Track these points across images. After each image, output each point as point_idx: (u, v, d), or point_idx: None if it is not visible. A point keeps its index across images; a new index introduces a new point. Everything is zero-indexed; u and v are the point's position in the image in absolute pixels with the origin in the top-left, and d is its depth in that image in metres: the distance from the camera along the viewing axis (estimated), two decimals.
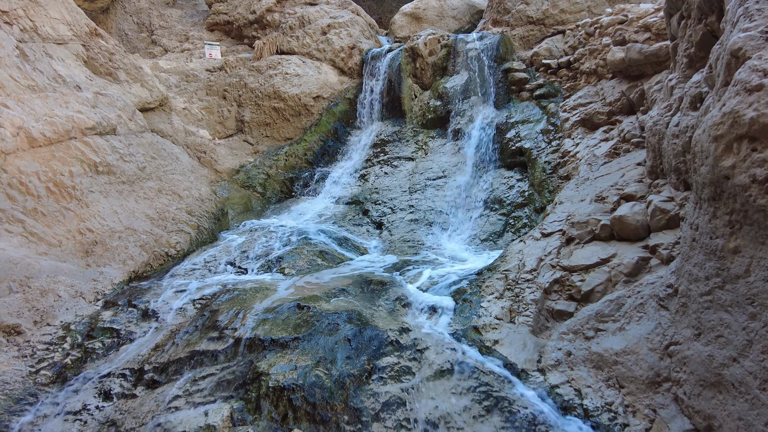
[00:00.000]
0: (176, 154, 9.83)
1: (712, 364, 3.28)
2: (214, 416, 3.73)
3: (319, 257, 7.19)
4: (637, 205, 5.07)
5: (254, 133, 12.45)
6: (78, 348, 5.05)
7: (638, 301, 4.20)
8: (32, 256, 6.17)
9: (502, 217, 8.10)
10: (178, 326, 5.17)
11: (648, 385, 3.73)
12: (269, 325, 4.68)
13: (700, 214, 3.61)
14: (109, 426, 4.01)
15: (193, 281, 6.32)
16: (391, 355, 4.31)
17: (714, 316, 3.35)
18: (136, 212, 7.70)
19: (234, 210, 9.83)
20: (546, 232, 5.65)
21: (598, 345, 4.11)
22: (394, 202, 9.33)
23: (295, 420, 3.69)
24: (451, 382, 4.04)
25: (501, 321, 4.75)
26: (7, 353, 4.85)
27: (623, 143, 7.22)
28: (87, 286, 6.07)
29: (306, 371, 3.96)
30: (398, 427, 3.67)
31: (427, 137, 10.68)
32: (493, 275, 5.47)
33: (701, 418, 3.34)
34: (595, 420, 3.71)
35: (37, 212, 6.68)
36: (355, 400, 3.83)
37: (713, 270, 3.39)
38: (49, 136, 7.25)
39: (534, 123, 9.12)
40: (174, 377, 4.35)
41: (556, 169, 7.82)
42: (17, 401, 4.26)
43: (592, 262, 4.81)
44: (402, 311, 5.21)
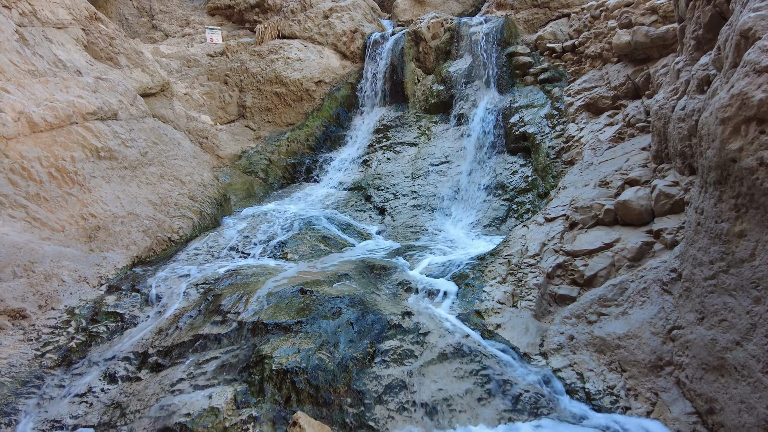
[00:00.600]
0: (178, 140, 9.79)
1: (714, 348, 3.28)
2: (218, 399, 3.76)
3: (322, 242, 7.19)
4: (641, 189, 5.04)
5: (256, 118, 12.38)
6: (83, 332, 5.08)
7: (641, 285, 4.19)
8: (36, 241, 6.18)
9: (506, 202, 8.07)
10: (182, 310, 5.19)
11: (650, 369, 3.74)
12: (272, 309, 4.69)
13: (706, 198, 3.58)
14: (114, 408, 4.05)
15: (196, 266, 6.34)
16: (393, 338, 4.32)
17: (718, 301, 3.34)
18: (139, 197, 7.70)
19: (236, 196, 9.82)
20: (549, 216, 5.63)
21: (601, 329, 4.12)
22: (397, 187, 9.30)
23: (299, 402, 3.72)
24: (453, 365, 4.06)
25: (503, 305, 4.75)
26: (13, 337, 4.89)
27: (628, 128, 7.15)
28: (90, 271, 6.09)
29: (309, 354, 3.98)
30: (401, 409, 3.69)
31: (429, 122, 10.60)
32: (496, 260, 5.46)
33: (703, 401, 3.35)
34: (597, 403, 3.72)
35: (40, 197, 6.67)
36: (358, 382, 3.85)
37: (718, 254, 3.37)
38: (50, 121, 7.22)
39: (538, 108, 9.04)
40: (178, 361, 4.38)
41: (560, 154, 7.76)
42: (24, 384, 4.30)
43: (595, 247, 4.79)
44: (404, 296, 5.22)
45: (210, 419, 3.60)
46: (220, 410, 3.66)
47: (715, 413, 3.24)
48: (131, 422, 3.79)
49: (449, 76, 10.69)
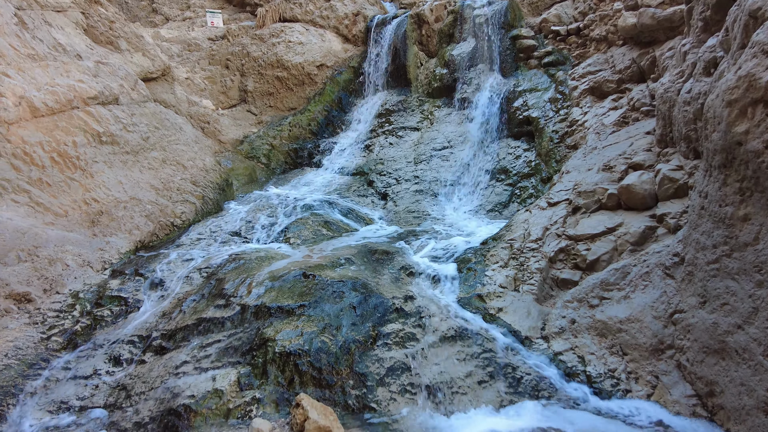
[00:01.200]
0: (180, 125, 9.75)
1: (716, 331, 3.29)
2: (222, 381, 3.80)
3: (324, 227, 7.19)
4: (645, 174, 5.01)
5: (257, 103, 12.30)
6: (87, 315, 5.12)
7: (644, 269, 4.19)
8: (39, 226, 6.21)
9: (508, 187, 8.04)
10: (185, 294, 5.22)
11: (651, 352, 3.75)
12: (275, 293, 4.71)
13: (710, 182, 3.56)
14: (119, 390, 4.10)
15: (199, 251, 6.36)
16: (395, 321, 4.35)
17: (720, 284, 3.34)
18: (141, 182, 7.70)
19: (238, 181, 9.81)
20: (552, 201, 5.61)
21: (603, 313, 4.13)
22: (399, 173, 9.27)
23: (301, 384, 3.75)
24: (455, 348, 4.08)
25: (505, 289, 4.76)
26: (19, 320, 4.94)
27: (632, 112, 7.09)
28: (94, 256, 6.12)
29: (312, 337, 4.01)
30: (403, 391, 3.73)
31: (432, 106, 10.52)
32: (498, 244, 5.46)
33: (703, 384, 3.37)
34: (598, 386, 3.75)
35: (43, 182, 6.68)
36: (360, 365, 3.89)
37: (721, 238, 3.36)
38: (51, 106, 7.19)
39: (542, 91, 8.95)
40: (182, 344, 4.42)
41: (564, 139, 7.71)
42: (30, 366, 4.35)
43: (598, 231, 4.78)
44: (407, 280, 5.23)
45: (214, 401, 3.65)
46: (224, 392, 3.70)
47: (715, 396, 3.26)
48: (136, 404, 3.84)
49: (452, 60, 10.58)
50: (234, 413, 3.58)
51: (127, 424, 3.66)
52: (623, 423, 3.39)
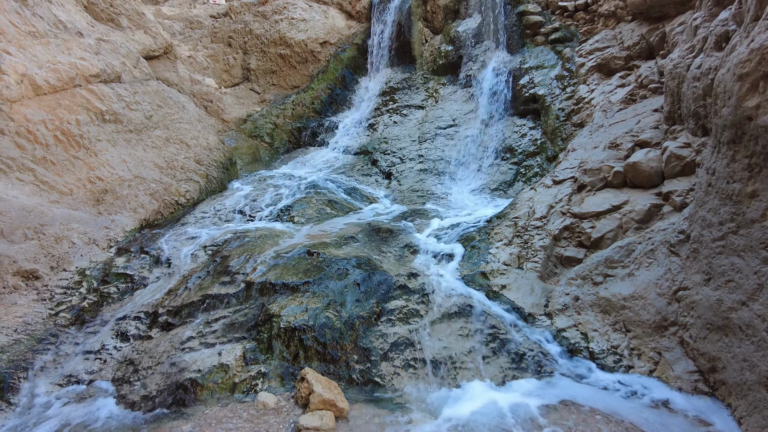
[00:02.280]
0: (183, 103, 9.69)
1: (720, 308, 3.29)
2: (228, 356, 3.85)
3: (328, 206, 7.19)
4: (651, 151, 4.95)
5: (260, 81, 12.19)
6: (94, 292, 5.17)
7: (649, 247, 4.17)
8: (45, 204, 6.23)
9: (513, 166, 7.98)
10: (190, 272, 5.26)
11: (654, 329, 3.76)
12: (280, 270, 4.74)
13: (718, 159, 3.51)
14: (127, 365, 4.16)
15: (203, 229, 6.39)
16: (399, 298, 4.37)
17: (725, 261, 3.32)
18: (145, 161, 7.69)
19: (242, 160, 9.78)
20: (557, 179, 5.56)
21: (606, 290, 4.13)
22: (404, 152, 9.21)
23: (306, 359, 3.80)
24: (458, 324, 4.11)
25: (509, 267, 4.76)
26: (27, 296, 5.00)
27: (640, 89, 6.98)
28: (99, 234, 6.15)
29: (316, 313, 4.04)
30: (406, 366, 3.76)
31: (437, 84, 10.38)
32: (503, 222, 5.44)
33: (705, 360, 3.38)
34: (601, 362, 3.77)
35: (47, 161, 6.68)
36: (365, 340, 3.92)
37: (728, 215, 3.33)
38: (53, 84, 7.15)
39: (548, 69, 8.81)
40: (187, 320, 4.47)
41: (570, 117, 7.62)
42: (39, 341, 4.42)
43: (603, 209, 4.75)
44: (410, 258, 5.24)
45: (220, 375, 3.70)
46: (230, 366, 3.75)
47: (717, 371, 3.28)
48: (144, 378, 3.90)
49: (458, 36, 10.40)
50: (240, 387, 3.63)
51: (135, 397, 3.73)
52: (625, 398, 3.42)
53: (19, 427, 3.55)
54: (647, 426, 3.12)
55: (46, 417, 3.64)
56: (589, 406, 3.35)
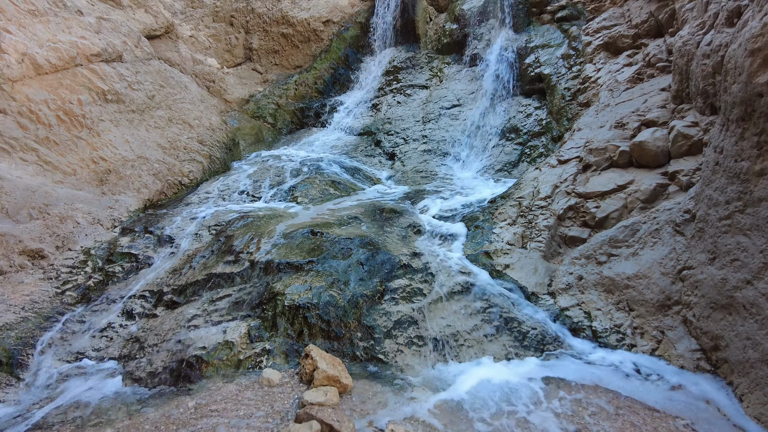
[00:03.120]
0: (185, 83, 9.62)
1: (724, 287, 3.28)
2: (232, 333, 3.88)
3: (332, 187, 7.18)
4: (658, 130, 4.90)
5: (263, 61, 12.06)
6: (99, 271, 5.21)
7: (653, 226, 4.15)
8: (49, 184, 6.24)
9: (518, 146, 7.91)
10: (195, 251, 5.28)
11: (658, 308, 3.76)
12: (284, 250, 4.75)
13: (727, 137, 3.47)
14: (133, 342, 4.21)
15: (207, 209, 6.39)
16: (402, 277, 4.38)
17: (731, 240, 3.30)
18: (148, 141, 7.67)
19: (245, 141, 9.74)
20: (563, 159, 5.52)
21: (610, 269, 4.12)
22: (407, 132, 9.14)
23: (311, 336, 3.83)
24: (461, 303, 4.12)
25: (513, 246, 4.76)
26: (33, 275, 5.04)
27: (648, 68, 6.86)
28: (104, 214, 6.17)
29: (320, 291, 4.06)
30: (409, 343, 3.79)
31: (442, 63, 10.24)
32: (507, 202, 5.42)
33: (708, 338, 3.39)
34: (603, 341, 3.79)
35: (50, 141, 6.67)
36: (368, 318, 3.94)
37: (735, 194, 3.30)
38: (54, 63, 7.10)
39: (554, 47, 8.66)
40: (192, 298, 4.50)
41: (576, 96, 7.52)
42: (47, 318, 4.47)
43: (608, 189, 4.72)
44: (414, 237, 5.24)
45: (225, 352, 3.74)
46: (235, 344, 3.79)
47: (720, 350, 3.29)
48: (150, 355, 3.95)
49: (463, 14, 10.22)
50: (245, 364, 3.67)
51: (142, 373, 3.77)
52: (627, 376, 3.44)
53: (28, 401, 3.61)
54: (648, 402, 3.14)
55: (54, 392, 3.70)
56: (591, 383, 3.37)
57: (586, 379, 3.41)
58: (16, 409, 3.54)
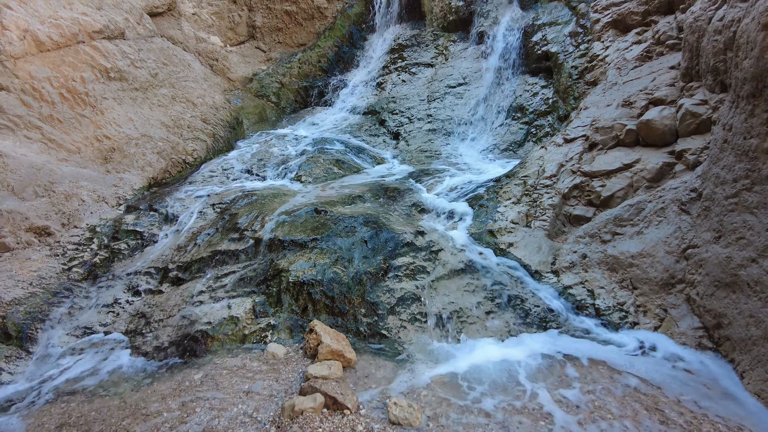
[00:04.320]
0: (188, 61, 9.54)
1: (729, 265, 3.27)
2: (237, 308, 3.92)
3: (336, 166, 7.15)
4: (666, 109, 4.83)
5: (266, 39, 11.93)
6: (105, 249, 5.24)
7: (659, 205, 4.13)
8: (53, 162, 6.25)
9: (524, 125, 7.84)
10: (199, 229, 5.30)
11: (661, 287, 3.77)
12: (288, 227, 4.76)
13: (736, 114, 3.42)
14: (139, 318, 4.26)
15: (211, 187, 6.40)
16: (406, 255, 4.39)
17: (737, 219, 3.28)
18: (151, 119, 7.64)
19: (249, 120, 9.69)
20: (569, 137, 5.47)
21: (615, 248, 4.12)
22: (412, 111, 9.06)
23: (315, 312, 3.86)
24: (464, 280, 4.14)
25: (517, 225, 4.75)
26: (40, 252, 5.08)
27: (657, 46, 6.74)
28: (108, 192, 6.19)
29: (324, 268, 4.08)
30: (413, 320, 3.82)
31: (447, 41, 10.09)
32: (511, 181, 5.39)
33: (711, 316, 3.39)
34: (606, 318, 3.80)
35: (53, 119, 6.66)
36: (372, 295, 3.97)
37: (743, 171, 3.27)
38: (56, 40, 7.04)
39: (562, 25, 8.51)
40: (197, 275, 4.54)
41: (583, 75, 7.41)
42: (54, 294, 4.52)
43: (614, 168, 4.68)
44: (418, 216, 5.23)
45: (230, 327, 3.78)
46: (240, 319, 3.83)
47: (723, 327, 3.29)
48: (156, 330, 4.00)
49: None
50: (249, 338, 3.71)
51: (148, 347, 3.83)
52: (628, 353, 3.46)
53: (38, 374, 3.68)
54: (651, 379, 3.17)
55: (63, 365, 3.76)
56: (592, 359, 3.40)
57: (588, 356, 3.43)
58: (26, 381, 3.61)
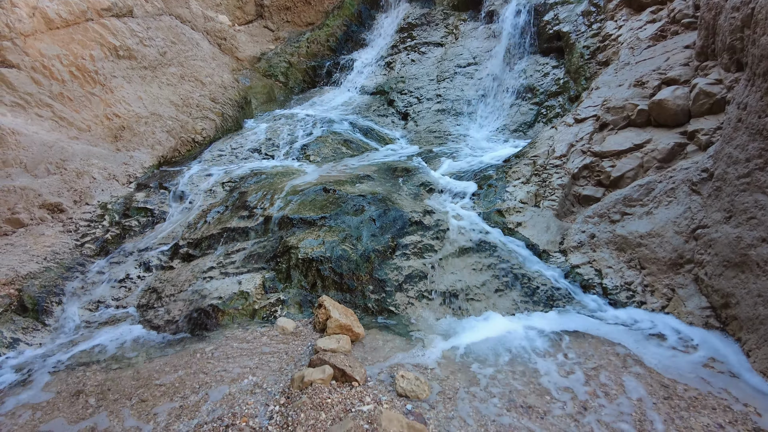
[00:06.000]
0: (196, 40, 9.50)
1: (739, 245, 3.26)
2: (247, 284, 3.97)
3: (344, 146, 7.15)
4: (679, 89, 4.76)
5: (274, 18, 11.83)
6: (116, 225, 5.31)
7: (669, 186, 4.10)
8: (64, 140, 6.30)
9: (534, 106, 7.76)
10: (209, 206, 5.34)
11: (669, 266, 3.76)
12: (297, 206, 4.79)
13: (751, 92, 3.37)
14: (150, 292, 4.33)
15: (220, 166, 6.43)
16: (414, 234, 4.41)
17: (749, 198, 3.26)
18: (161, 98, 7.65)
19: (257, 99, 9.67)
20: (579, 117, 5.42)
21: (623, 228, 4.11)
22: (421, 91, 8.99)
23: (324, 288, 3.91)
24: (472, 259, 4.16)
25: (525, 205, 4.74)
26: (53, 228, 5.16)
27: (672, 25, 6.61)
28: (119, 170, 6.24)
29: (333, 246, 4.12)
30: (420, 297, 3.86)
31: (458, 20, 9.95)
32: (521, 161, 5.37)
33: (719, 296, 3.39)
34: (613, 298, 3.81)
35: (64, 97, 6.69)
36: (380, 272, 4.00)
37: (756, 151, 3.24)
38: (65, 17, 7.03)
39: (574, 4, 8.35)
40: (208, 251, 4.59)
41: (595, 55, 7.30)
42: (68, 269, 4.60)
43: (624, 148, 4.65)
44: (426, 196, 5.24)
45: (240, 302, 3.84)
46: (250, 294, 3.89)
47: (730, 307, 3.30)
48: (167, 304, 4.07)
49: None
50: (259, 313, 3.78)
51: (160, 321, 3.91)
52: (635, 331, 3.48)
53: (54, 345, 3.77)
54: (656, 357, 3.19)
55: (78, 338, 3.85)
56: (597, 337, 3.42)
57: (594, 334, 3.46)
58: (42, 351, 3.70)
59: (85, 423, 2.79)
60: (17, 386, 3.22)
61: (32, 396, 3.10)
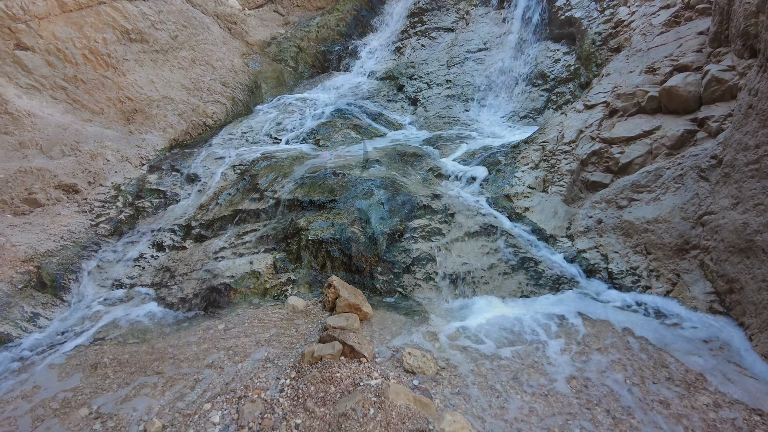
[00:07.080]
0: (207, 24, 9.52)
1: (745, 231, 3.28)
2: (259, 264, 4.06)
3: (353, 130, 7.18)
4: (691, 75, 4.73)
5: (285, 2, 11.79)
6: (130, 206, 5.42)
7: (677, 172, 4.11)
8: (78, 123, 6.40)
9: (545, 92, 7.73)
10: (220, 189, 5.43)
11: (675, 252, 3.79)
12: (307, 189, 4.86)
13: (764, 78, 3.36)
14: (164, 271, 4.44)
15: (231, 149, 6.50)
16: (422, 217, 4.47)
17: (757, 185, 3.28)
18: (172, 82, 7.71)
19: (267, 84, 9.70)
20: (589, 103, 5.40)
21: (630, 213, 4.13)
22: (431, 76, 8.97)
23: (333, 269, 3.99)
24: (479, 242, 4.21)
25: (533, 190, 4.77)
26: (69, 208, 5.28)
27: (686, 10, 6.53)
28: (132, 152, 6.34)
29: (342, 228, 4.19)
30: (427, 279, 3.93)
31: (469, 5, 9.87)
32: (530, 147, 5.38)
33: (724, 281, 3.43)
34: (618, 282, 3.85)
35: (78, 80, 6.77)
36: (388, 254, 4.08)
37: (766, 137, 3.24)
38: (78, 0, 7.09)
39: None
40: (219, 232, 4.69)
41: (607, 41, 7.23)
42: (84, 248, 4.72)
43: (633, 134, 4.65)
44: (435, 180, 5.28)
45: (252, 281, 3.93)
46: (261, 274, 3.98)
47: (734, 292, 3.33)
48: (180, 283, 4.17)
49: None
50: (270, 292, 3.87)
51: (174, 299, 4.01)
52: (639, 314, 3.53)
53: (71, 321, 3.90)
54: (660, 339, 3.24)
55: (95, 314, 3.98)
56: (602, 319, 3.48)
57: (599, 317, 3.51)
58: (61, 325, 3.83)
59: (104, 394, 2.91)
60: (42, 355, 3.35)
61: (53, 367, 3.23)
